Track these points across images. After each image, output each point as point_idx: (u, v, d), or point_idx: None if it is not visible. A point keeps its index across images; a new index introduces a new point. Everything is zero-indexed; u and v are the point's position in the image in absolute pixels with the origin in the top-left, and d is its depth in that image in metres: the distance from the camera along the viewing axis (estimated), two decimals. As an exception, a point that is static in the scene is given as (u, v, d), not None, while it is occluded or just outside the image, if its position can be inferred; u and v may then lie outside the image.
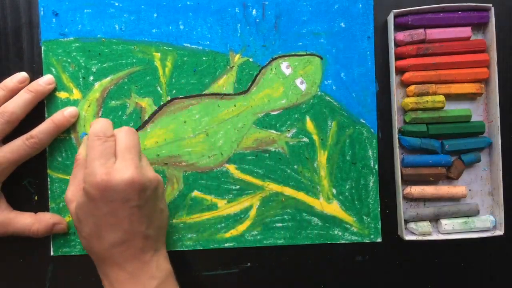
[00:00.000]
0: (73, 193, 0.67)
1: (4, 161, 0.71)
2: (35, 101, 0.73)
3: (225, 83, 0.78)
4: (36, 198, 0.77)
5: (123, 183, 0.62)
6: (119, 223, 0.64)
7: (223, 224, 0.78)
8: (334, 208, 0.79)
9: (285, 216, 0.79)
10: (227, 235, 0.78)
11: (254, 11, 0.78)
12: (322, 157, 0.79)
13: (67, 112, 0.75)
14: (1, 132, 0.71)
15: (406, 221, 0.78)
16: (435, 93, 0.76)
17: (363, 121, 0.78)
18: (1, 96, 0.72)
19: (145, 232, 0.66)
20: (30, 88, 0.73)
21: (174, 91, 0.78)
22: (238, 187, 0.78)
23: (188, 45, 0.78)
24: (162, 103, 0.77)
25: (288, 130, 0.78)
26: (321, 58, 0.78)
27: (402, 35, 0.76)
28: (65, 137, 0.76)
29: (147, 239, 0.66)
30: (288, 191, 0.79)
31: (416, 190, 0.77)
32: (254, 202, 0.78)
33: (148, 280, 0.65)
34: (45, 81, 0.75)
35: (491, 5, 0.76)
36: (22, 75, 0.74)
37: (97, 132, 0.67)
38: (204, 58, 0.78)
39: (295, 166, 0.79)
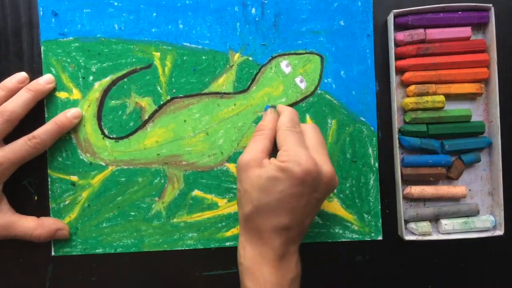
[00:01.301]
0: (255, 159, 0.66)
1: (6, 161, 0.71)
2: (34, 100, 0.73)
3: (225, 82, 0.78)
4: (36, 198, 0.77)
5: (328, 176, 0.65)
6: (297, 208, 0.64)
7: (223, 223, 0.78)
8: (334, 206, 0.79)
9: (285, 215, 0.79)
10: (228, 234, 0.78)
11: (253, 10, 0.78)
12: (322, 156, 0.78)
13: (70, 113, 0.75)
14: (2, 132, 0.71)
15: (406, 221, 0.78)
16: (435, 93, 0.76)
17: (363, 119, 0.78)
18: (1, 96, 0.72)
19: (307, 225, 0.67)
20: (29, 87, 0.73)
21: (174, 91, 0.77)
22: (238, 186, 0.78)
23: (188, 44, 0.78)
24: (162, 103, 0.77)
25: (288, 129, 0.78)
26: (321, 57, 0.78)
27: (402, 35, 0.76)
28: (65, 137, 0.76)
29: (304, 231, 0.67)
30: (288, 189, 0.79)
31: (416, 190, 0.77)
32: (254, 201, 0.78)
33: (287, 270, 0.66)
34: (44, 80, 0.74)
35: (491, 5, 0.75)
36: (22, 75, 0.74)
37: (291, 121, 0.69)
38: (203, 57, 0.78)
39: (295, 165, 0.78)
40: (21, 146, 0.72)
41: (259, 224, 0.65)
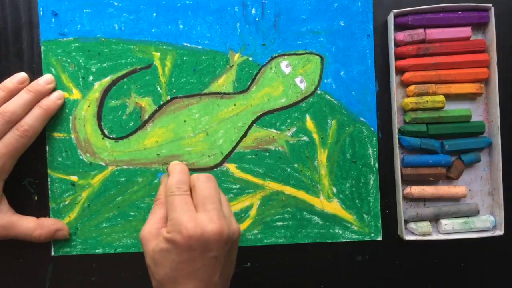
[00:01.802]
0: (151, 232, 0.66)
1: (1, 156, 0.70)
2: (35, 101, 0.73)
3: (225, 82, 0.78)
4: (36, 198, 0.77)
5: (214, 235, 0.63)
6: (195, 272, 0.63)
7: (223, 223, 0.78)
8: (334, 207, 0.79)
9: (286, 215, 0.79)
10: (227, 234, 0.78)
11: (253, 10, 0.78)
12: (322, 156, 0.79)
13: (53, 96, 0.75)
14: (1, 132, 0.70)
15: (406, 221, 0.78)
16: (435, 93, 0.76)
17: (363, 119, 0.78)
18: (1, 97, 0.72)
19: (217, 283, 0.65)
20: (30, 88, 0.73)
21: (174, 91, 0.77)
22: (238, 186, 0.78)
23: (188, 44, 0.78)
24: (162, 103, 0.77)
25: (288, 129, 0.78)
26: (321, 57, 0.78)
27: (402, 35, 0.76)
28: (65, 137, 0.76)
29: (216, 287, 0.66)
30: (288, 190, 0.79)
31: (416, 190, 0.77)
32: (254, 201, 0.79)
33: None
34: (44, 80, 0.74)
35: (491, 5, 0.75)
36: (22, 75, 0.74)
37: (176, 183, 0.67)
38: (203, 57, 0.78)
39: (295, 165, 0.79)
40: (10, 137, 0.71)
41: None
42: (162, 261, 0.64)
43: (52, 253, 0.77)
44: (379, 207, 0.79)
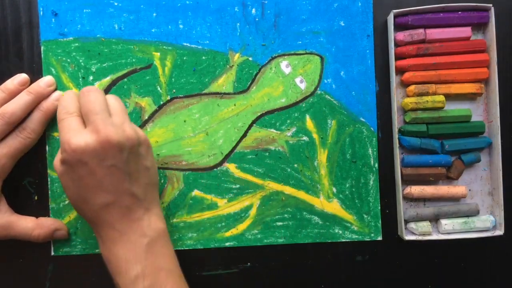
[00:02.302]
0: (56, 162, 0.68)
1: (2, 157, 0.70)
2: (35, 103, 0.73)
3: (224, 82, 0.78)
4: (36, 198, 0.77)
5: (100, 143, 0.63)
6: (99, 185, 0.65)
7: (223, 223, 0.78)
8: (334, 207, 0.79)
9: (286, 215, 0.79)
10: (228, 234, 0.78)
11: (253, 10, 0.78)
12: (322, 156, 0.79)
13: (51, 97, 0.75)
14: (1, 133, 0.70)
15: (406, 221, 0.78)
16: (435, 93, 0.76)
17: (363, 119, 0.78)
18: (1, 98, 0.72)
19: (130, 191, 0.66)
20: (30, 89, 0.73)
21: (174, 91, 0.77)
22: (238, 186, 0.78)
23: (188, 44, 0.78)
24: (162, 103, 0.77)
25: (288, 129, 0.78)
26: (321, 57, 0.78)
27: (402, 35, 0.76)
28: (65, 137, 0.76)
29: (134, 197, 0.67)
30: (288, 190, 0.79)
31: (416, 190, 0.77)
32: (254, 201, 0.79)
33: (139, 238, 0.66)
34: (45, 82, 0.74)
35: (491, 5, 0.75)
36: (23, 77, 0.74)
37: (63, 109, 0.69)
38: (203, 57, 0.78)
39: (295, 165, 0.78)
40: (13, 139, 0.72)
41: (88, 217, 0.68)
42: (65, 183, 0.67)
43: (52, 253, 0.77)
44: (379, 207, 0.79)
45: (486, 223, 0.77)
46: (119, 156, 0.65)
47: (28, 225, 0.73)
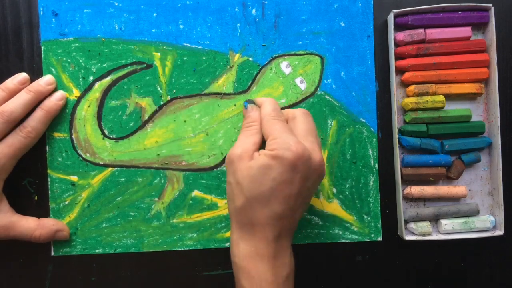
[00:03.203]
0: (247, 152, 0.66)
1: (2, 156, 0.70)
2: (35, 102, 0.73)
3: (225, 82, 0.78)
4: (36, 198, 0.77)
5: (317, 163, 0.65)
6: (288, 197, 0.63)
7: (223, 224, 0.78)
8: (334, 207, 0.79)
9: (285, 216, 0.79)
10: (228, 234, 0.78)
11: (253, 11, 0.78)
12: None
13: (54, 97, 0.75)
14: (1, 132, 0.71)
15: (406, 221, 0.78)
16: (435, 93, 0.76)
17: (363, 120, 0.78)
18: (1, 97, 0.72)
19: (297, 217, 0.67)
20: (30, 88, 0.73)
21: (174, 91, 0.77)
22: (238, 186, 0.78)
23: (188, 44, 0.78)
24: (162, 103, 0.77)
25: (288, 129, 0.78)
26: (321, 57, 0.78)
27: (402, 35, 0.76)
28: (65, 137, 0.76)
29: (294, 225, 0.67)
30: (288, 190, 0.78)
31: (416, 190, 0.77)
32: (254, 202, 0.78)
33: (282, 265, 0.66)
34: (45, 81, 0.74)
35: (491, 5, 0.76)
36: (23, 76, 0.74)
37: (274, 111, 0.70)
38: (204, 58, 0.78)
39: (295, 166, 0.78)
40: (14, 138, 0.71)
41: (251, 216, 0.64)
42: (260, 178, 0.64)
43: (52, 253, 0.77)
44: (379, 208, 0.79)
45: (486, 223, 0.77)
46: (318, 181, 0.67)
47: (30, 225, 0.73)
